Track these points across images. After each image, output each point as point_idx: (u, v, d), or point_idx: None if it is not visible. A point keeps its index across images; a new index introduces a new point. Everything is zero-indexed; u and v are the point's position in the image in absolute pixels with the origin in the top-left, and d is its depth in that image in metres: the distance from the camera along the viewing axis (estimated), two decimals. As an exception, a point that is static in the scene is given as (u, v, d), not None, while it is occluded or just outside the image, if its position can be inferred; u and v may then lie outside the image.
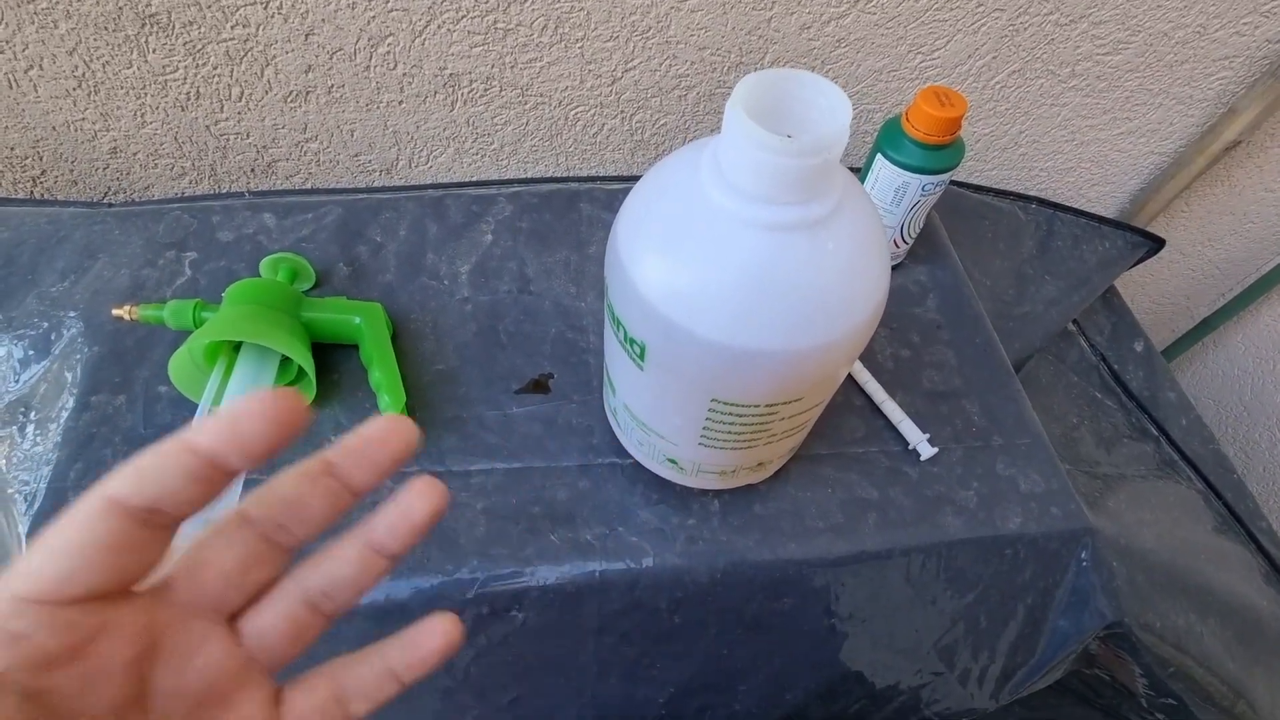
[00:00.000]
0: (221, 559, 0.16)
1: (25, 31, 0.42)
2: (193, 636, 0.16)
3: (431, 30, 0.44)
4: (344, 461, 0.16)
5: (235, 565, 0.16)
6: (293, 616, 0.17)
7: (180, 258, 0.43)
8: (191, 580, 0.16)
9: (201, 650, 0.16)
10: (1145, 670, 0.40)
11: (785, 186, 0.21)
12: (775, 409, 0.27)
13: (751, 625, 0.36)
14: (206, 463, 0.14)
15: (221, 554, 0.16)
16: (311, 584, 0.17)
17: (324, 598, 0.17)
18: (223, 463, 0.14)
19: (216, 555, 0.16)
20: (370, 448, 0.16)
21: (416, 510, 0.17)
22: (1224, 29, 0.51)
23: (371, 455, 0.16)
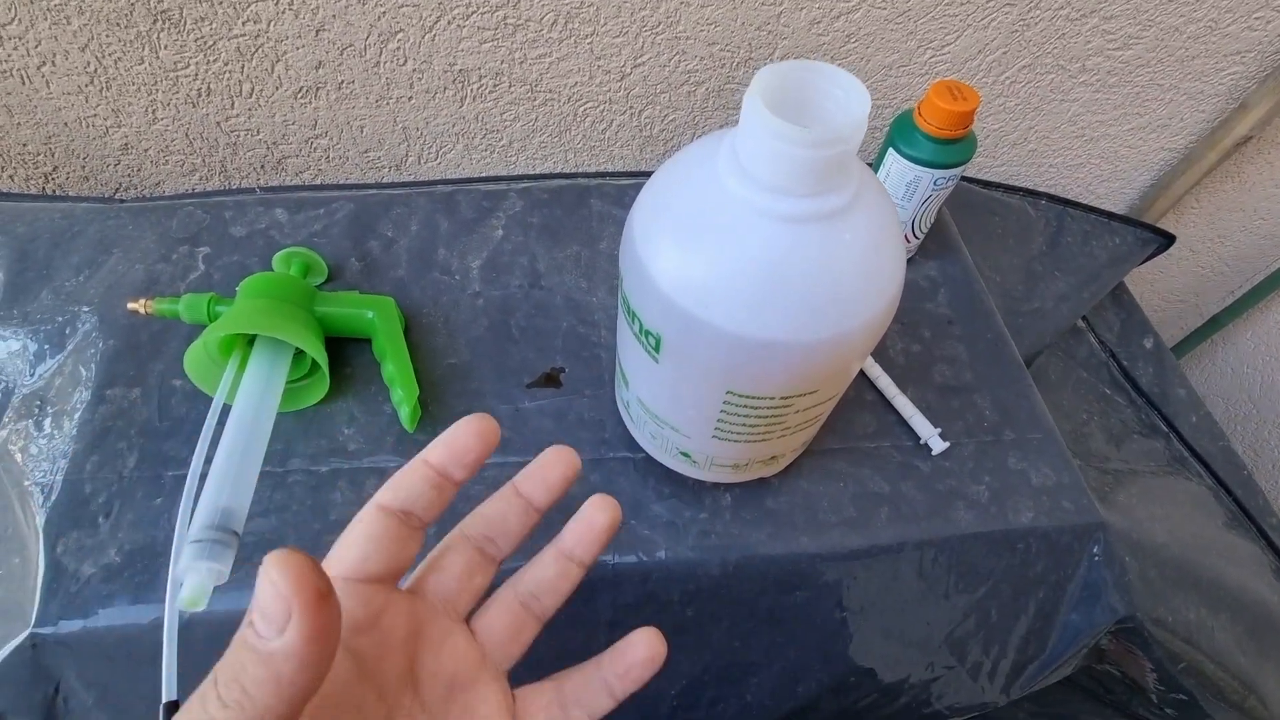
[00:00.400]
0: (452, 565, 0.21)
1: (38, 28, 0.42)
2: (442, 627, 0.20)
3: (441, 26, 0.45)
4: (526, 485, 0.21)
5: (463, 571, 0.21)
6: (512, 614, 0.21)
7: (194, 252, 0.43)
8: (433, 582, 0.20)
9: (450, 639, 0.20)
10: (1156, 665, 0.40)
11: (802, 178, 0.21)
12: (790, 401, 0.27)
13: (764, 618, 0.36)
14: (438, 473, 0.20)
15: (452, 562, 0.21)
16: (523, 587, 0.21)
17: (533, 599, 0.21)
18: (448, 472, 0.20)
19: (448, 563, 0.21)
20: (544, 472, 0.21)
21: (597, 521, 0.22)
22: (1236, 23, 0.51)
23: (546, 478, 0.21)
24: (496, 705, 0.20)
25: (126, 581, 0.32)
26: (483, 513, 0.21)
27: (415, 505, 0.19)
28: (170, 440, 0.36)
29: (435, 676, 0.19)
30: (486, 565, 0.21)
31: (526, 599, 0.21)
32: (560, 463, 0.21)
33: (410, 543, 0.19)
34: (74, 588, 0.32)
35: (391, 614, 0.19)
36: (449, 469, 0.20)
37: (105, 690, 0.32)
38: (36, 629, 0.31)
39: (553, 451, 0.22)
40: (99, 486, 0.34)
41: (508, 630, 0.21)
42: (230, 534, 0.28)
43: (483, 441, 0.20)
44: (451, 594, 0.20)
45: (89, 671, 0.32)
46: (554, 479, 0.21)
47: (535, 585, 0.21)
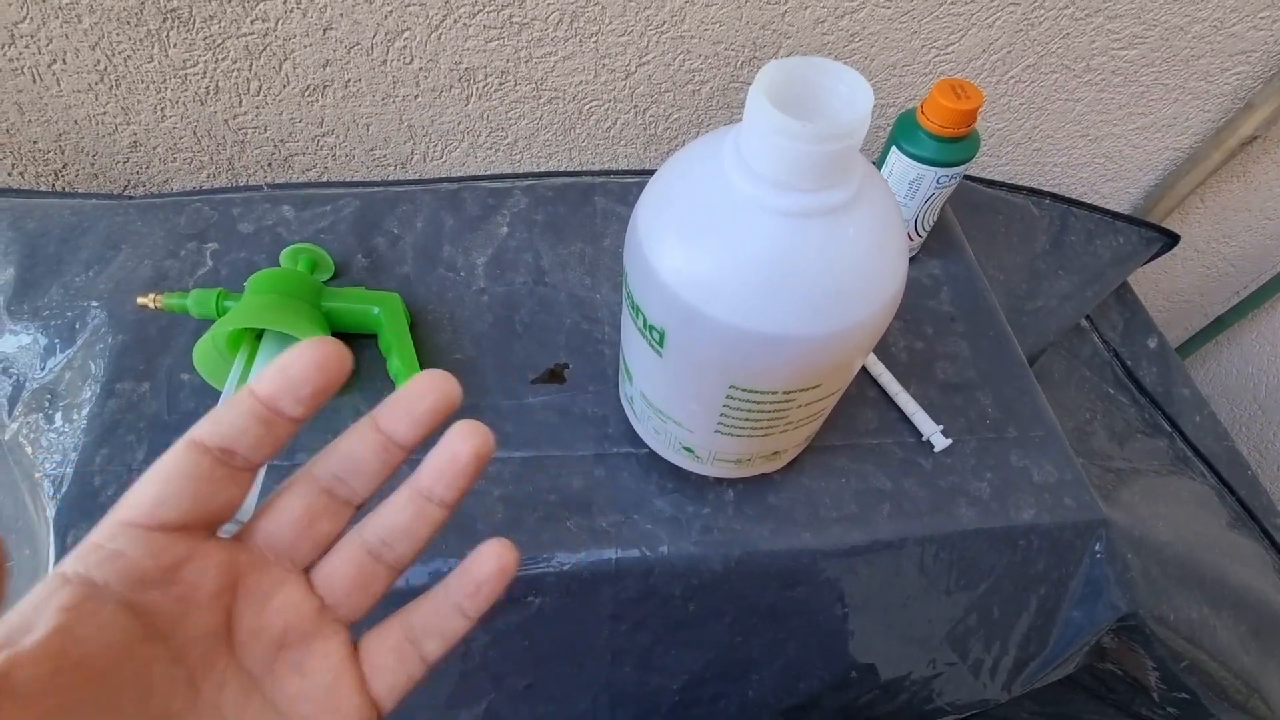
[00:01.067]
0: (290, 509, 0.17)
1: (50, 26, 0.42)
2: (269, 579, 0.17)
3: (448, 25, 0.45)
4: (387, 416, 0.17)
5: (302, 515, 0.17)
6: (357, 563, 0.18)
7: (201, 249, 0.44)
8: (265, 529, 0.17)
9: (278, 593, 0.17)
10: (1158, 663, 0.40)
11: (806, 173, 0.21)
12: (793, 396, 0.27)
13: (765, 614, 0.36)
14: (266, 406, 0.16)
15: (290, 505, 0.17)
16: (370, 533, 0.18)
17: (383, 545, 0.18)
18: (278, 407, 0.16)
19: (286, 506, 0.17)
20: (410, 402, 0.17)
21: (460, 452, 0.17)
22: (1241, 23, 0.51)
23: (411, 409, 0.17)
24: (336, 659, 0.17)
25: (135, 573, 0.32)
26: (334, 449, 0.18)
27: (238, 443, 0.16)
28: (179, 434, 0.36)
29: (258, 634, 0.17)
30: (336, 509, 0.18)
31: (376, 546, 0.18)
32: (432, 390, 0.17)
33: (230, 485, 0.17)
34: (83, 578, 0.32)
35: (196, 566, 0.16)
36: (280, 402, 0.16)
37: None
38: (46, 619, 0.31)
39: (425, 376, 0.17)
40: (108, 479, 0.35)
41: (352, 581, 0.18)
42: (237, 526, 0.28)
43: (323, 373, 0.16)
44: (287, 542, 0.17)
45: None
46: (421, 410, 0.17)
47: (386, 530, 0.18)
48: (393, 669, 0.18)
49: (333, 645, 0.18)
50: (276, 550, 0.17)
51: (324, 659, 0.17)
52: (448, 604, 0.18)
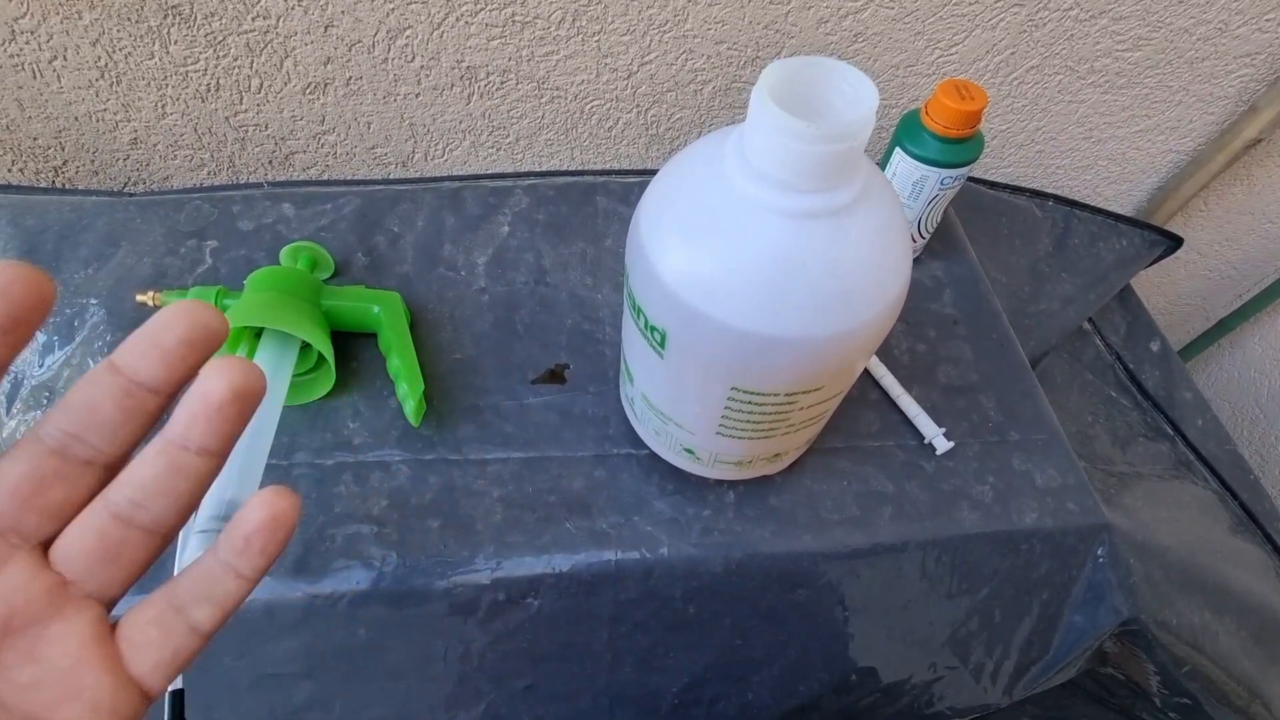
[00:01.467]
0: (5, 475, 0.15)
1: (50, 22, 0.42)
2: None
3: (449, 23, 0.45)
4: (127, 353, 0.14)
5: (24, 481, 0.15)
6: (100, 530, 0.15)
7: (201, 246, 0.44)
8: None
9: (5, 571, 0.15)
10: (1160, 668, 0.40)
11: (809, 173, 0.21)
12: (794, 398, 0.27)
13: (766, 616, 0.36)
14: None
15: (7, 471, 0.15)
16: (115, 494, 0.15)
17: (134, 507, 0.15)
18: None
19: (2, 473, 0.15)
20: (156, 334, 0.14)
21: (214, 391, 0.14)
22: (1246, 25, 0.51)
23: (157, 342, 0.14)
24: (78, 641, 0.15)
25: (132, 572, 0.32)
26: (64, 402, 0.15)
27: None
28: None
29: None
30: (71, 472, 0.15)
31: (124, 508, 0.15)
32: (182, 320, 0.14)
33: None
34: (80, 577, 0.32)
35: None
36: None
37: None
38: (43, 618, 0.31)
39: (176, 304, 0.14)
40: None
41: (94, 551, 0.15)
42: (236, 525, 0.28)
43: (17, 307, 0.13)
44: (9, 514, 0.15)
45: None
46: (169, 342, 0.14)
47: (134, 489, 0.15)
48: (157, 643, 0.15)
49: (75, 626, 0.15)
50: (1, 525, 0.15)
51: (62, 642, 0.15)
52: (216, 564, 0.16)
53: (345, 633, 0.33)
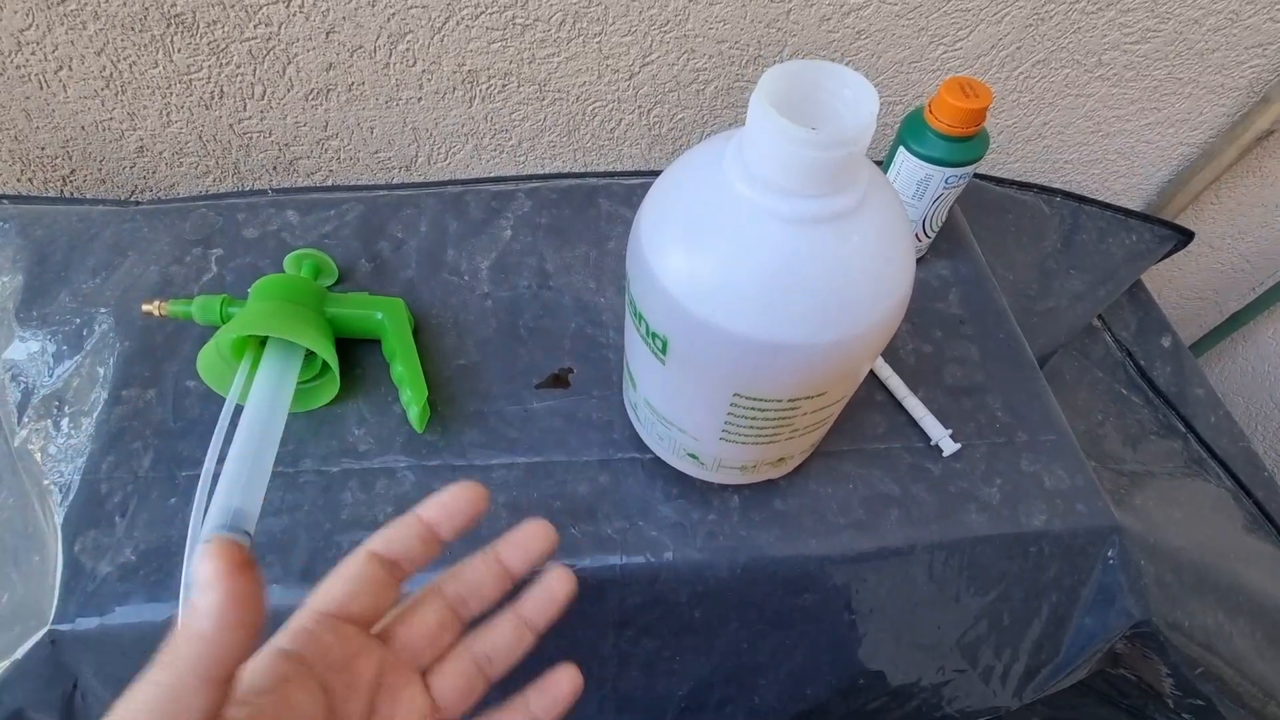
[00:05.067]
0: (425, 620, 0.21)
1: (55, 33, 0.42)
2: (403, 679, 0.21)
3: (450, 27, 0.45)
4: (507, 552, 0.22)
5: (433, 626, 0.21)
6: (467, 674, 0.22)
7: (207, 254, 0.44)
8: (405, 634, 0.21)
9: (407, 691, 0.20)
10: (1173, 670, 0.40)
11: (810, 179, 0.21)
12: (798, 404, 0.27)
13: (772, 620, 0.36)
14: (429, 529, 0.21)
15: (425, 616, 0.21)
16: (478, 649, 0.22)
17: (487, 661, 0.22)
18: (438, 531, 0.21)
19: (421, 617, 0.21)
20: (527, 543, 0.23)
21: (557, 591, 0.23)
22: (1257, 15, 0.50)
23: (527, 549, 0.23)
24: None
25: (142, 580, 0.33)
26: (460, 573, 0.22)
27: (402, 557, 0.21)
28: (184, 441, 0.37)
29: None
30: (455, 624, 0.22)
31: (482, 660, 0.22)
32: (542, 537, 0.23)
33: (390, 591, 0.20)
34: (91, 586, 0.32)
35: (364, 657, 0.20)
36: (439, 527, 0.21)
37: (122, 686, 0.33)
38: (55, 626, 0.31)
39: (535, 525, 0.23)
40: (115, 486, 0.35)
41: (460, 689, 0.21)
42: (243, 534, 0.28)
43: (473, 508, 0.21)
44: (418, 647, 0.21)
45: (106, 668, 0.32)
46: (535, 551, 0.23)
47: (492, 648, 0.22)
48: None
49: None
50: (410, 653, 0.21)
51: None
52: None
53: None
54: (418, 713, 0.20)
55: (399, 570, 0.21)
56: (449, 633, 0.22)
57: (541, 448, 0.38)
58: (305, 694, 0.18)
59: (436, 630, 0.21)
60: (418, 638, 0.21)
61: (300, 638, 0.19)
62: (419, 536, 0.21)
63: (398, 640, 0.21)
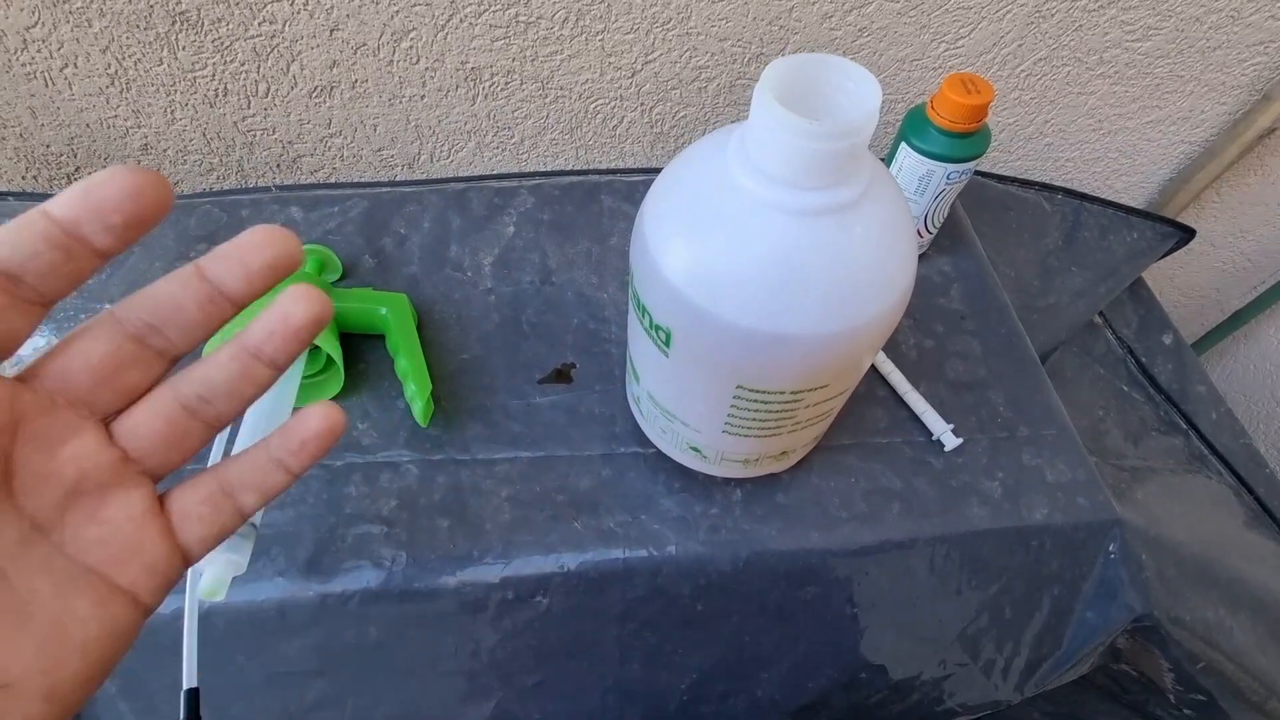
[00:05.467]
0: (89, 353, 0.16)
1: (61, 31, 0.43)
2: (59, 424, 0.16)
3: (454, 25, 0.45)
4: (215, 264, 0.16)
5: (104, 361, 0.16)
6: (168, 417, 0.17)
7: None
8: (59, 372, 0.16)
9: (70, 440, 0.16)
10: (1174, 665, 0.40)
11: (813, 171, 0.21)
12: (800, 396, 0.27)
13: (774, 613, 0.36)
14: (64, 230, 0.14)
15: (89, 348, 0.16)
16: (186, 387, 0.17)
17: (201, 402, 0.17)
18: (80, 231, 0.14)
19: (84, 349, 0.16)
20: (246, 251, 0.16)
21: (294, 314, 0.16)
22: (1259, 13, 0.50)
23: (246, 260, 0.16)
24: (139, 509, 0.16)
25: (147, 572, 0.33)
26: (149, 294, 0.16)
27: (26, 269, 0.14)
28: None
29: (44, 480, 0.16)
30: (147, 360, 0.16)
31: (192, 401, 0.17)
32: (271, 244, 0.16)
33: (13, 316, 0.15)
34: (97, 578, 0.32)
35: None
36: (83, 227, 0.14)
37: (128, 678, 0.33)
38: (61, 618, 0.31)
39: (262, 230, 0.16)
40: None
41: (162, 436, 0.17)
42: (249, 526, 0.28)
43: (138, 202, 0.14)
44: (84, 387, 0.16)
45: (112, 660, 0.33)
46: (257, 263, 0.16)
47: (205, 386, 0.17)
48: (205, 519, 0.17)
49: (135, 496, 0.17)
50: (71, 395, 0.16)
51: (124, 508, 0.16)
52: (269, 458, 0.18)
53: (356, 631, 0.34)
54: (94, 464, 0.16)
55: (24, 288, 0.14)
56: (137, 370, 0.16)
57: (544, 442, 0.38)
58: None
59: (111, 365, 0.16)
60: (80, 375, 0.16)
61: None
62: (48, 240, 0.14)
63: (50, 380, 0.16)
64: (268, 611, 0.33)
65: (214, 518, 0.17)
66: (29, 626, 0.15)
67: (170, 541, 0.17)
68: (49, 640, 0.15)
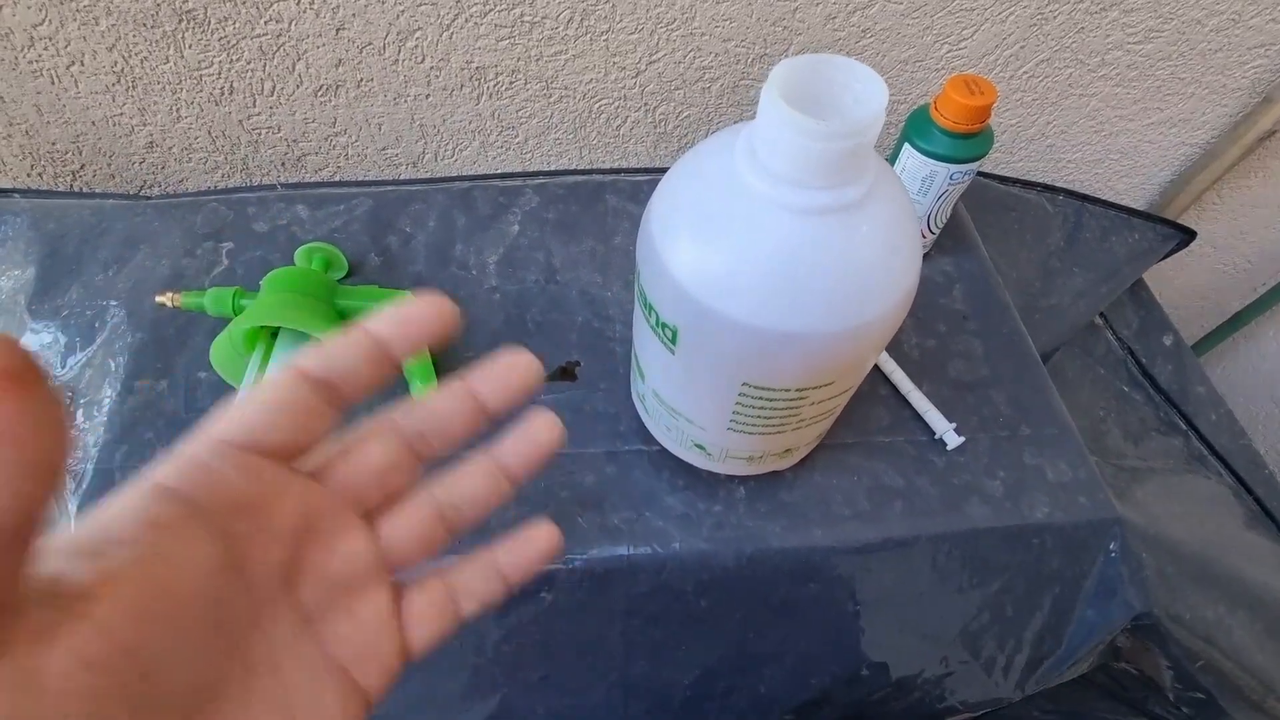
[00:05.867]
0: (370, 455, 0.17)
1: (68, 28, 0.43)
2: (340, 523, 0.17)
3: (459, 24, 0.45)
4: (482, 382, 0.18)
5: (381, 463, 0.17)
6: (424, 522, 0.18)
7: (218, 248, 0.44)
8: (344, 470, 0.17)
9: (346, 537, 0.17)
10: (1173, 663, 0.40)
11: (819, 170, 0.21)
12: (805, 394, 0.27)
13: (777, 610, 0.37)
14: (378, 346, 0.16)
15: (371, 451, 0.17)
16: (442, 494, 0.18)
17: (453, 510, 0.18)
18: (390, 348, 0.16)
19: (366, 452, 0.17)
20: (505, 372, 0.18)
21: (542, 437, 0.18)
22: (1260, 15, 0.50)
23: (505, 379, 0.18)
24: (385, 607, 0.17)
25: (155, 567, 0.33)
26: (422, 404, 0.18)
27: (342, 378, 0.16)
28: (196, 431, 0.37)
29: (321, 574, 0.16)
30: (411, 464, 0.18)
31: (446, 508, 0.18)
32: (525, 368, 0.18)
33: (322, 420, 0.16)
34: (105, 573, 0.33)
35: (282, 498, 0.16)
36: (394, 344, 0.16)
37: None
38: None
39: (516, 354, 0.18)
40: (128, 476, 0.35)
41: (417, 538, 0.18)
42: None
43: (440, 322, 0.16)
44: (361, 487, 0.17)
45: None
46: (516, 383, 0.18)
47: (459, 495, 0.18)
48: (431, 621, 0.18)
49: (383, 594, 0.17)
50: (351, 493, 0.17)
51: (374, 605, 0.17)
52: (492, 569, 0.19)
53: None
54: (361, 562, 0.17)
55: (336, 395, 0.16)
56: (403, 473, 0.18)
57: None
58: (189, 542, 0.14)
59: (387, 469, 0.17)
60: (362, 475, 0.17)
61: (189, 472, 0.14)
62: (365, 354, 0.16)
63: (336, 478, 0.17)
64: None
65: (439, 622, 0.18)
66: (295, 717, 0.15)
67: (401, 641, 0.17)
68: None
